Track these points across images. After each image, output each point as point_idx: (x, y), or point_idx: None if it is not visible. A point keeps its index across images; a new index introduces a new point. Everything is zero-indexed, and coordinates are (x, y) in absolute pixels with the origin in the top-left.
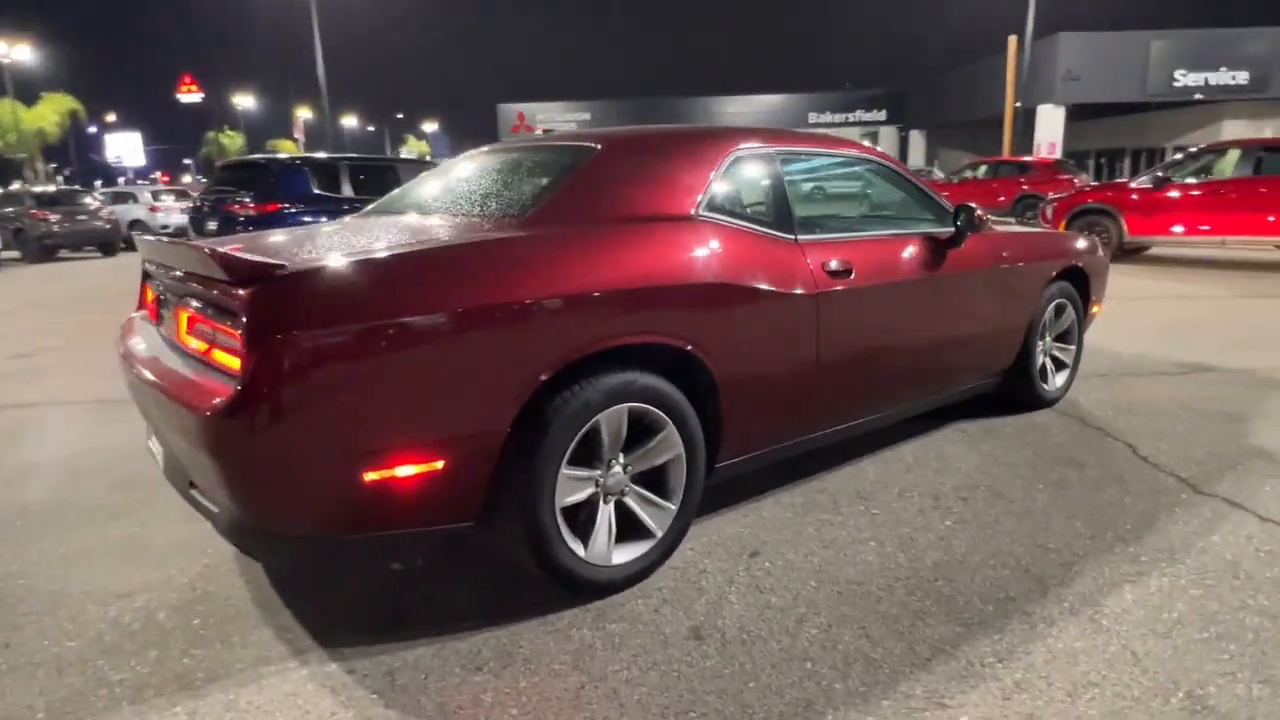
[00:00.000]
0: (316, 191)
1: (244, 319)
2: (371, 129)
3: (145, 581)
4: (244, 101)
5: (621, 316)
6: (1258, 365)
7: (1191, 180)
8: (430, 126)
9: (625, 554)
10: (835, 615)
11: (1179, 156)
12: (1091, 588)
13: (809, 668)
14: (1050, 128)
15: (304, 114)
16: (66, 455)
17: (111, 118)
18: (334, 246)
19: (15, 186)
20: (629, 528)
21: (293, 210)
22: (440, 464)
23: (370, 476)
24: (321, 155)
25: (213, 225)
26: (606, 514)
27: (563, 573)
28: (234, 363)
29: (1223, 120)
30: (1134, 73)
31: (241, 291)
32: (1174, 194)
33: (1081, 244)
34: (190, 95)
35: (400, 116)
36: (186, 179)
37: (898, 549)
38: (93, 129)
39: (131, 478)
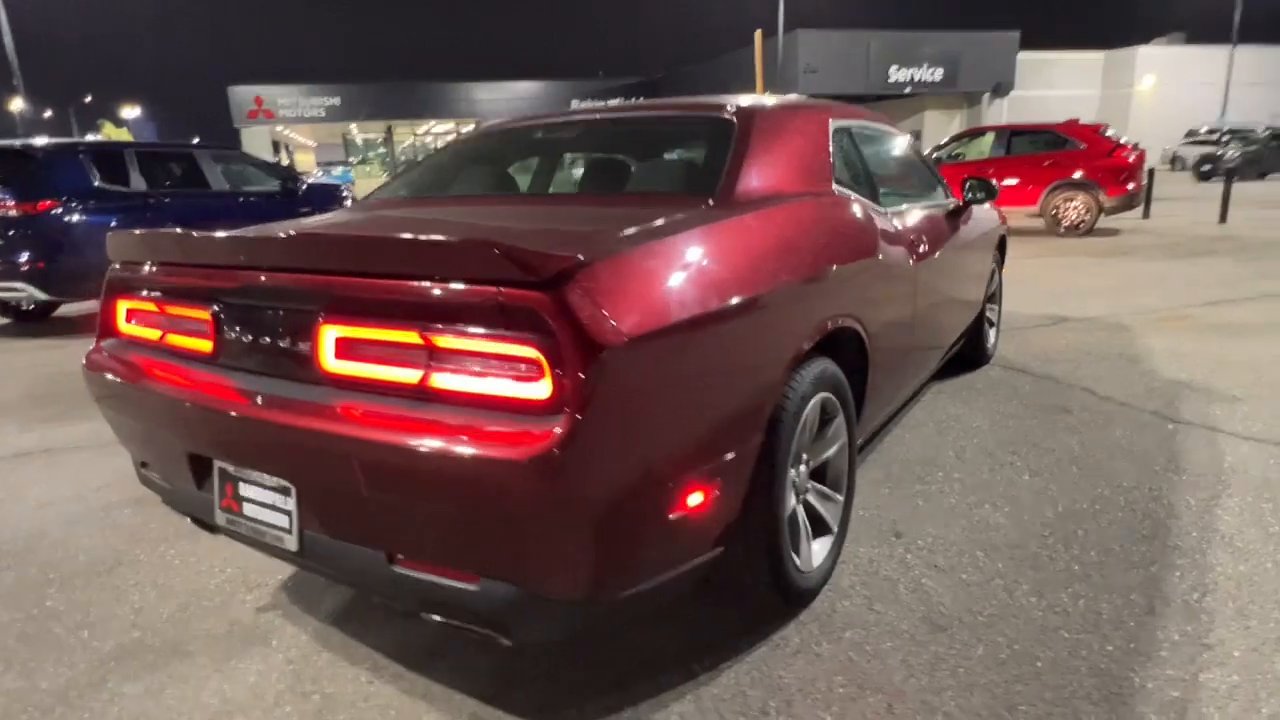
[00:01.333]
0: (98, 185)
1: (556, 329)
2: (50, 114)
3: None
4: None
5: (833, 298)
6: (1094, 314)
7: (959, 159)
8: (131, 112)
9: (816, 555)
10: (1034, 580)
11: (947, 140)
12: (1197, 514)
13: (1067, 636)
14: None
15: None
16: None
17: None
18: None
19: None
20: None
21: (70, 208)
22: (718, 482)
23: (672, 512)
24: (103, 139)
25: None
26: (800, 515)
27: (787, 584)
28: (509, 389)
29: (925, 111)
30: (859, 68)
31: (542, 292)
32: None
33: (1002, 216)
34: None
35: (89, 100)
36: None
37: (1014, 508)
38: None
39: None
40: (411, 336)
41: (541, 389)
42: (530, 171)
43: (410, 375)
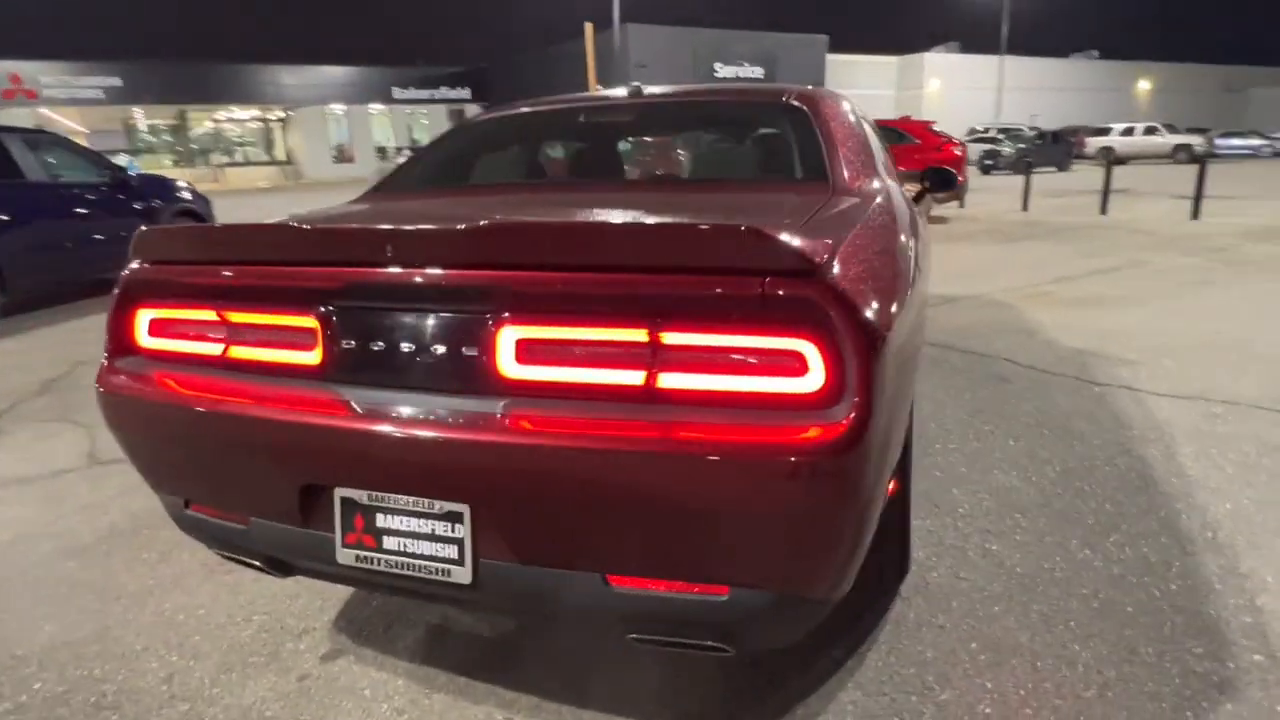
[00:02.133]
0: None
1: (835, 318)
2: None
3: None
4: None
5: (921, 280)
6: (974, 293)
7: None
8: None
9: None
10: (1077, 535)
11: None
12: (1165, 464)
13: (1135, 581)
14: None
15: None
16: None
17: None
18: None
19: None
20: None
21: None
22: (898, 467)
23: (885, 498)
24: None
25: None
26: None
27: (905, 562)
28: (767, 385)
29: None
30: (686, 64)
31: (818, 281)
32: None
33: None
34: None
35: None
36: None
37: (1020, 472)
38: None
39: None
40: (634, 334)
41: (811, 382)
42: (590, 156)
43: (631, 377)
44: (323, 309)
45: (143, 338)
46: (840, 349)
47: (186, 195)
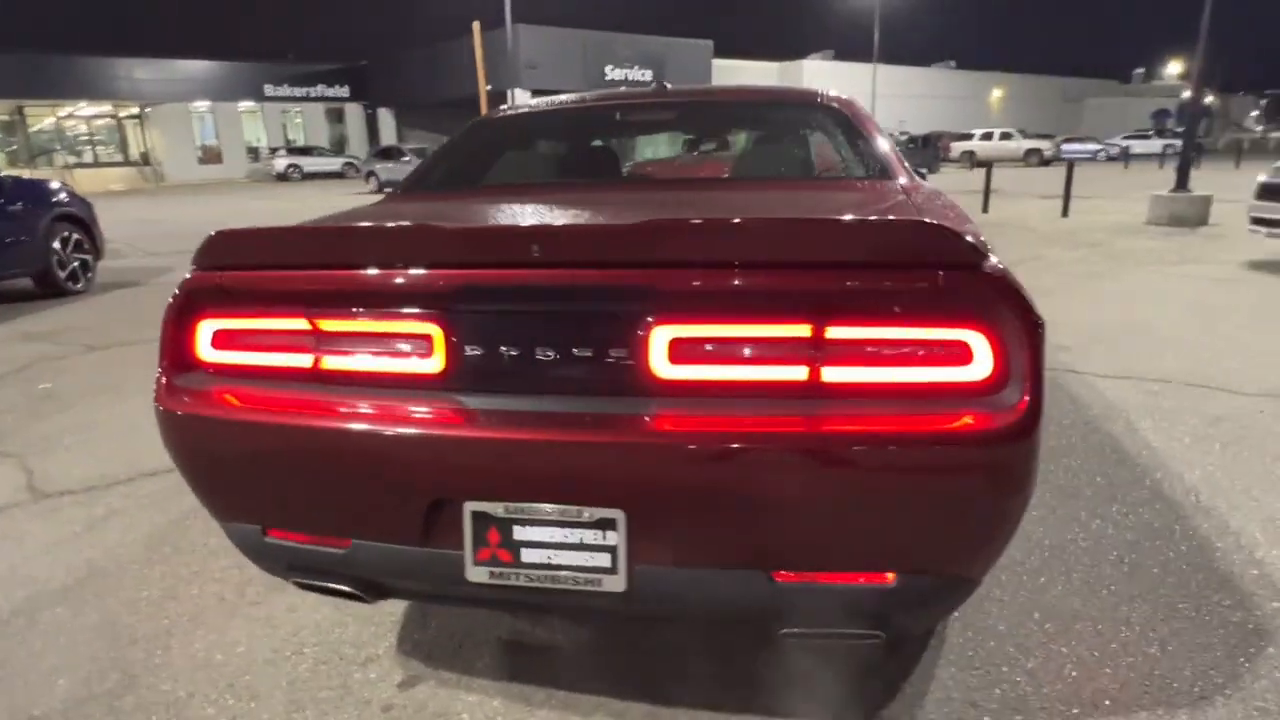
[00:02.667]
0: None
1: (1007, 308)
2: None
3: None
4: None
5: None
6: None
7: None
8: None
9: None
10: (1085, 507)
11: None
12: (1130, 438)
13: (1148, 546)
14: None
15: None
16: None
17: None
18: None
19: None
20: None
21: None
22: None
23: None
24: None
25: None
26: None
27: None
28: (934, 374)
29: None
30: (577, 65)
31: (991, 273)
32: None
33: None
34: None
35: None
36: None
37: None
38: None
39: None
40: (797, 330)
41: (979, 369)
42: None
43: (794, 373)
44: (447, 313)
45: (209, 351)
46: (1008, 337)
47: (63, 198)
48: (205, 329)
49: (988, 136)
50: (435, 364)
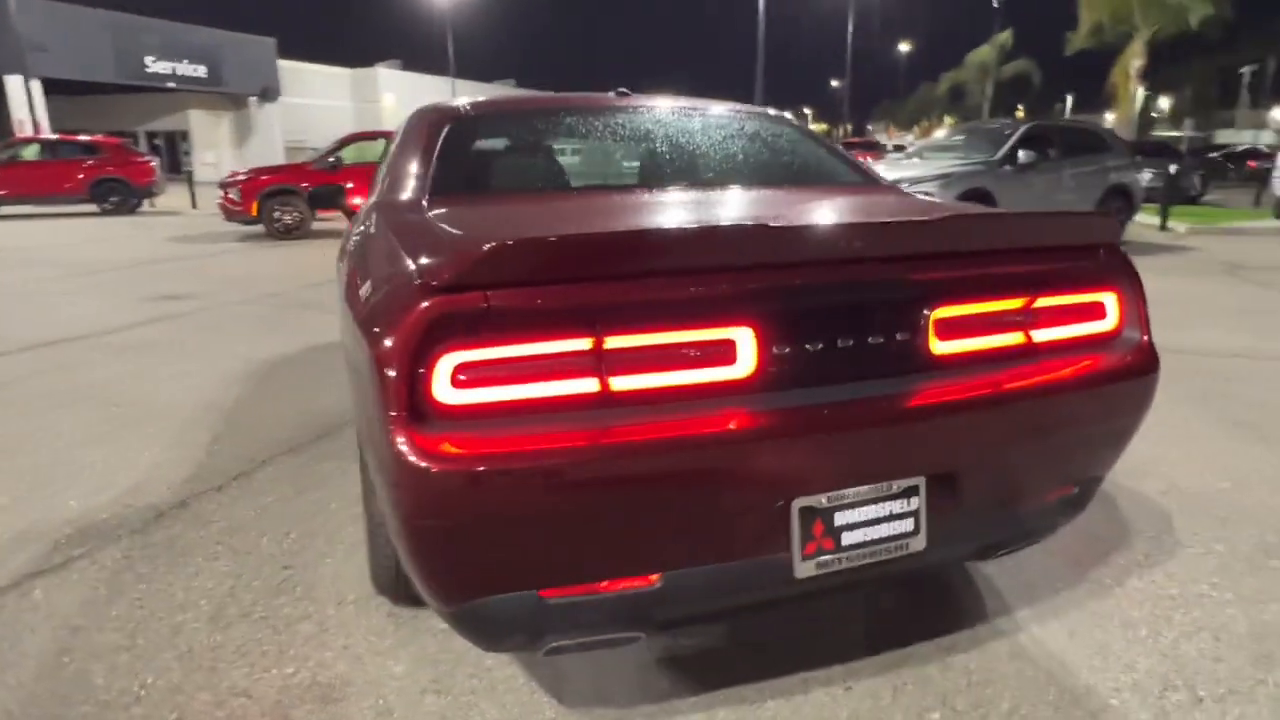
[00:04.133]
0: None
1: (1128, 273)
2: None
3: None
4: None
5: None
6: None
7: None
8: None
9: None
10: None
11: (340, 141)
12: None
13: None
14: (23, 103)
15: None
16: None
17: None
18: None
19: None
20: None
21: None
22: None
23: None
24: None
25: None
26: None
27: None
28: (1088, 328)
29: (189, 109)
30: (106, 53)
31: (1120, 248)
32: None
33: None
34: None
35: None
36: None
37: None
38: None
39: None
40: (1016, 303)
41: (1110, 321)
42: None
43: (1014, 339)
44: (755, 316)
45: (461, 392)
46: (1131, 296)
47: None
48: (448, 362)
49: None
50: (743, 368)
